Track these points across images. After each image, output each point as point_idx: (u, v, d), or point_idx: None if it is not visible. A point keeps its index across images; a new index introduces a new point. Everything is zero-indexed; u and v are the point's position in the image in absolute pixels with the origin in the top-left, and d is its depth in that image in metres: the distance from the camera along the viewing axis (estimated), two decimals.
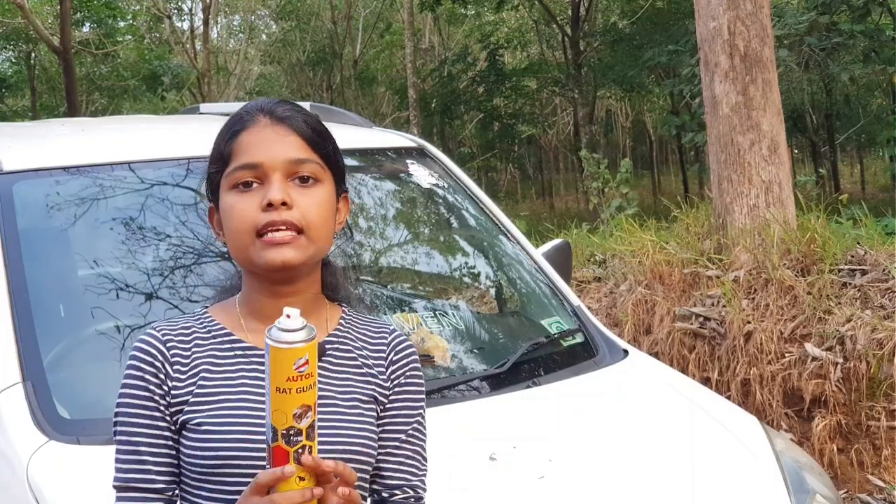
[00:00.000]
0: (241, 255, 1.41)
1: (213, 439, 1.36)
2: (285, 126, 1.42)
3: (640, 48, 18.54)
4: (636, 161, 31.25)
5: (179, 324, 1.46)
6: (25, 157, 2.74)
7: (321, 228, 1.41)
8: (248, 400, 1.39)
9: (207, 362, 1.42)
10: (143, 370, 1.40)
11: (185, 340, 1.43)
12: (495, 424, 2.31)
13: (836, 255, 4.94)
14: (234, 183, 1.40)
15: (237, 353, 1.43)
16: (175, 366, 1.41)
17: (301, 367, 1.22)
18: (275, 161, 1.40)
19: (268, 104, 1.46)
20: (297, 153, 1.41)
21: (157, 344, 1.42)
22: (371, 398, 1.45)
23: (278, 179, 1.39)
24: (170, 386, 1.40)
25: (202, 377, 1.40)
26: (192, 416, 1.38)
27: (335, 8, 27.73)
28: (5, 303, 2.27)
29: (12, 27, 21.29)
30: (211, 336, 1.44)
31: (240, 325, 1.45)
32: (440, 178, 3.26)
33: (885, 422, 4.28)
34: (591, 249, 6.93)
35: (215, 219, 1.47)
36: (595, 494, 2.13)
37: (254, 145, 1.41)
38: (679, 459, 2.33)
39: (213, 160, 1.46)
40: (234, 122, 1.45)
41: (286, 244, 1.37)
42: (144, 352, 1.42)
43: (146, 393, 1.39)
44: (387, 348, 1.50)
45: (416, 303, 2.99)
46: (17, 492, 1.94)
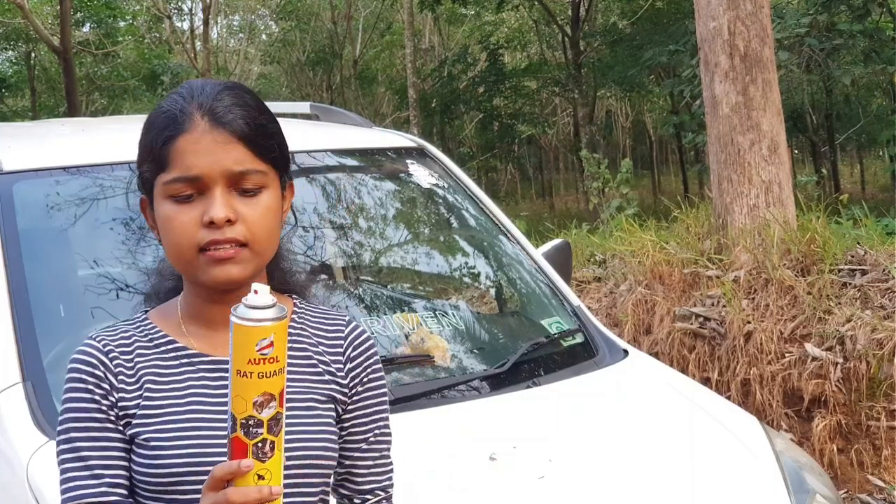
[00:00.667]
0: (182, 268, 1.33)
1: (163, 455, 1.27)
2: (226, 132, 1.29)
3: (640, 48, 18.53)
4: (636, 161, 31.25)
5: (118, 331, 1.37)
6: (25, 157, 2.74)
7: (267, 239, 1.32)
8: (197, 412, 1.30)
9: (151, 372, 1.33)
10: (87, 381, 1.31)
11: (127, 350, 1.35)
12: (495, 424, 2.31)
13: (836, 255, 4.94)
14: (170, 193, 1.30)
15: (182, 361, 1.34)
16: (119, 376, 1.32)
17: (264, 350, 1.13)
18: (215, 174, 1.28)
19: (206, 98, 1.31)
20: (239, 164, 1.29)
21: (97, 354, 1.33)
22: (329, 398, 1.37)
23: (220, 193, 1.28)
24: (116, 398, 1.31)
25: (147, 388, 1.32)
26: (140, 430, 1.30)
27: (335, 8, 27.73)
28: (5, 303, 2.27)
29: (12, 27, 21.29)
30: (153, 344, 1.36)
31: (182, 331, 1.36)
32: (440, 178, 3.26)
33: (885, 422, 4.28)
34: (591, 249, 6.93)
35: (148, 212, 1.37)
36: (595, 494, 2.13)
37: (192, 155, 1.28)
38: (679, 459, 2.33)
39: (144, 158, 1.34)
40: (169, 121, 1.31)
41: (230, 260, 1.28)
42: (85, 363, 1.32)
43: (93, 405, 1.30)
44: (344, 342, 1.41)
45: (416, 303, 2.99)
46: (17, 492, 1.94)
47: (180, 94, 1.33)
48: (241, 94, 1.35)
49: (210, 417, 1.30)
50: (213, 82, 1.35)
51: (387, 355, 2.46)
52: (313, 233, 2.92)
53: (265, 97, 6.49)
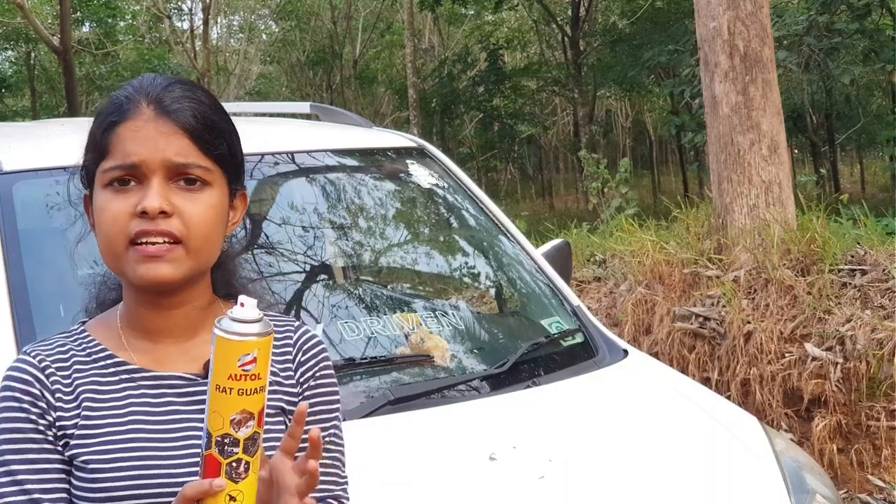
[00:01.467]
0: (112, 263, 1.25)
1: (102, 479, 1.20)
2: (170, 122, 1.23)
3: (639, 48, 18.54)
4: (636, 161, 31.27)
5: (55, 345, 1.29)
6: (25, 157, 2.74)
7: (205, 239, 1.24)
8: (139, 430, 1.23)
9: (90, 389, 1.25)
10: (22, 400, 1.22)
11: (64, 365, 1.27)
12: (495, 424, 2.31)
13: (836, 255, 4.94)
14: (108, 180, 1.24)
15: (122, 376, 1.27)
16: (56, 394, 1.24)
17: (246, 366, 1.08)
18: (154, 163, 1.22)
19: (155, 88, 1.26)
20: (181, 156, 1.23)
21: (32, 371, 1.24)
22: (278, 409, 1.29)
23: (157, 183, 1.22)
24: (54, 417, 1.23)
25: (85, 407, 1.24)
26: (78, 451, 1.22)
27: (335, 8, 27.74)
28: (5, 303, 2.26)
29: (12, 27, 21.30)
30: (91, 359, 1.28)
31: (122, 343, 1.29)
32: (440, 178, 3.26)
33: (885, 422, 4.28)
34: (591, 249, 6.94)
35: (90, 209, 1.31)
36: (595, 494, 2.13)
37: (132, 142, 1.23)
38: (679, 459, 2.33)
39: (88, 148, 1.29)
40: (114, 108, 1.26)
41: (160, 258, 1.21)
42: (19, 380, 1.24)
43: (29, 425, 1.22)
44: (293, 348, 1.34)
45: (416, 303, 2.99)
46: None
47: (131, 84, 1.29)
48: (194, 89, 1.30)
49: (151, 437, 1.24)
50: (167, 76, 1.30)
51: (387, 355, 2.46)
52: (313, 233, 2.92)
53: (265, 97, 6.52)
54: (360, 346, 2.47)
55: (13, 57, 25.99)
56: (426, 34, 29.43)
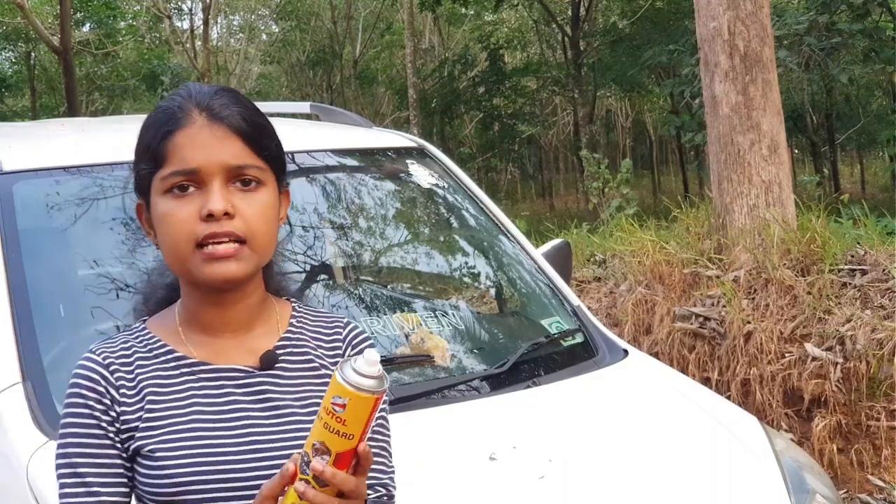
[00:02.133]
0: (179, 266, 1.31)
1: (169, 466, 1.27)
2: (223, 126, 1.29)
3: (639, 48, 18.54)
4: (636, 161, 31.26)
5: (118, 343, 1.36)
6: (25, 157, 2.74)
7: (265, 236, 1.31)
8: (200, 420, 1.30)
9: (153, 383, 1.32)
10: (87, 397, 1.30)
11: (127, 361, 1.34)
12: (495, 424, 2.31)
13: (836, 255, 4.94)
14: (168, 187, 1.29)
15: (183, 370, 1.33)
16: (121, 389, 1.31)
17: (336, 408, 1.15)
18: (213, 167, 1.28)
19: (203, 97, 1.31)
20: (237, 158, 1.29)
21: (98, 368, 1.32)
22: None
23: (218, 186, 1.27)
24: (118, 412, 1.30)
25: (149, 400, 1.31)
26: (144, 442, 1.29)
27: (335, 8, 27.74)
28: (5, 303, 2.27)
29: (12, 27, 21.31)
30: (152, 355, 1.35)
31: (181, 339, 1.35)
32: (440, 178, 3.26)
33: (885, 422, 4.28)
34: (591, 249, 6.94)
35: (144, 216, 1.36)
36: (595, 494, 2.13)
37: (189, 149, 1.28)
38: (679, 459, 2.33)
39: (141, 158, 1.33)
40: (167, 118, 1.31)
41: (229, 258, 1.27)
42: (86, 378, 1.31)
43: (93, 421, 1.30)
44: (342, 344, 1.41)
45: (416, 303, 2.99)
46: (17, 492, 1.94)
47: (178, 94, 1.34)
48: (238, 95, 1.36)
49: (213, 426, 1.30)
50: (210, 85, 1.37)
51: (387, 355, 2.46)
52: (313, 233, 2.92)
53: (265, 97, 6.50)
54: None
55: (13, 57, 25.99)
56: (426, 34, 29.43)
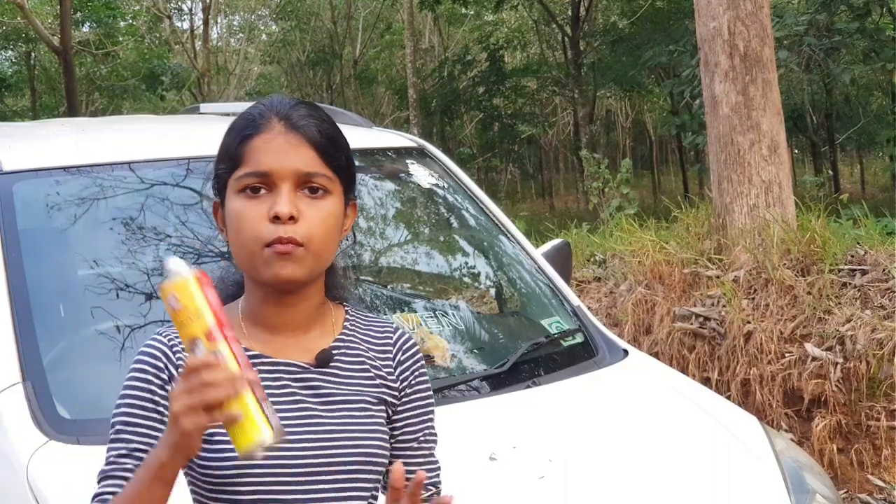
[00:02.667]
0: (246, 262, 1.39)
1: (229, 449, 1.32)
2: (299, 135, 1.38)
3: (639, 48, 18.54)
4: (636, 161, 31.26)
5: None
6: (25, 157, 2.74)
7: (324, 242, 1.39)
8: None
9: None
10: (148, 372, 1.38)
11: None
12: (495, 424, 2.31)
13: (836, 255, 4.94)
14: (241, 187, 1.38)
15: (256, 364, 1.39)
16: (180, 369, 1.36)
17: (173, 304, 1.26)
18: (285, 171, 1.36)
19: (283, 107, 1.41)
20: (308, 166, 1.38)
21: (162, 348, 1.40)
22: (380, 400, 1.46)
23: (287, 190, 1.36)
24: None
25: None
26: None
27: (335, 8, 27.74)
28: (5, 303, 2.27)
29: (12, 27, 21.30)
30: None
31: (243, 333, 1.42)
32: (440, 178, 3.26)
33: (885, 422, 4.28)
34: (591, 249, 6.94)
35: (220, 214, 1.45)
36: (595, 494, 2.13)
37: (265, 153, 1.37)
38: (679, 459, 2.33)
39: (221, 158, 1.43)
40: (248, 123, 1.40)
41: (289, 256, 1.35)
42: (150, 355, 1.39)
43: (149, 395, 1.37)
44: (393, 348, 1.50)
45: (416, 303, 2.99)
46: (17, 492, 1.94)
47: (262, 103, 1.43)
48: (317, 109, 1.45)
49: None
50: (292, 98, 1.46)
51: None
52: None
53: (265, 97, 6.44)
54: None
55: (13, 57, 25.99)
56: (426, 34, 29.43)
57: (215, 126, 3.56)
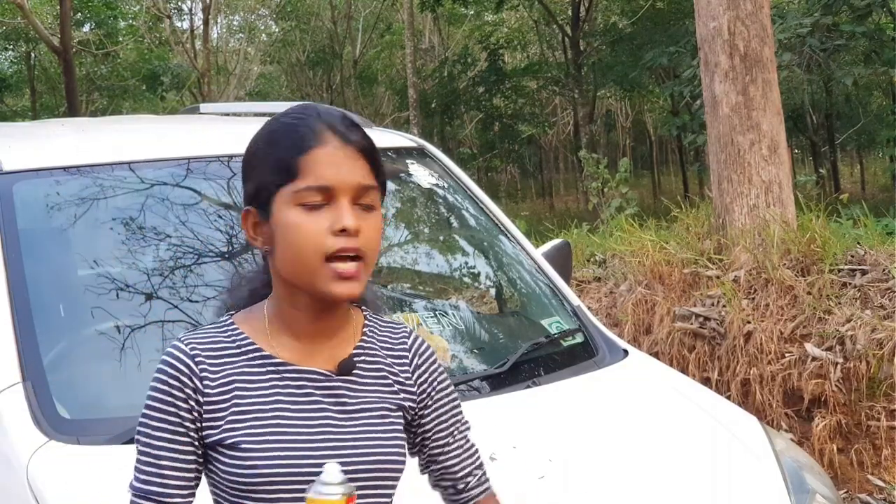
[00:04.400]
0: (302, 276, 1.37)
1: (254, 458, 1.35)
2: (355, 149, 1.39)
3: (640, 48, 18.54)
4: (636, 161, 31.28)
5: (207, 336, 1.43)
6: (25, 157, 2.74)
7: (376, 255, 1.42)
8: (283, 417, 1.38)
9: (240, 379, 1.40)
10: (171, 385, 1.38)
11: (214, 355, 1.41)
12: (495, 424, 2.31)
13: (836, 255, 4.94)
14: (300, 200, 1.36)
15: (269, 368, 1.41)
16: (204, 381, 1.38)
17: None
18: (346, 185, 1.36)
19: (333, 120, 1.41)
20: (366, 179, 1.39)
21: (184, 359, 1.39)
22: (398, 407, 1.47)
23: (348, 204, 1.36)
24: (200, 402, 1.38)
25: (237, 395, 1.39)
26: (229, 434, 1.37)
27: (335, 8, 27.74)
28: (5, 303, 2.26)
29: (12, 27, 21.31)
30: (241, 351, 1.42)
31: (268, 338, 1.42)
32: (440, 178, 3.26)
33: (885, 422, 4.28)
34: (591, 249, 6.93)
35: (251, 222, 1.42)
36: (595, 494, 2.13)
37: (326, 166, 1.36)
38: (679, 459, 2.33)
39: (269, 169, 1.40)
40: (302, 136, 1.39)
41: (353, 278, 1.36)
42: (172, 367, 1.39)
43: (172, 408, 1.38)
44: (409, 353, 1.51)
45: (416, 303, 2.99)
46: (17, 492, 1.94)
47: (306, 113, 1.42)
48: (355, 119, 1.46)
49: (295, 423, 1.38)
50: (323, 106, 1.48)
51: None
52: None
53: (265, 97, 6.50)
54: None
55: (13, 57, 25.99)
56: (426, 34, 29.43)
57: (215, 126, 3.56)
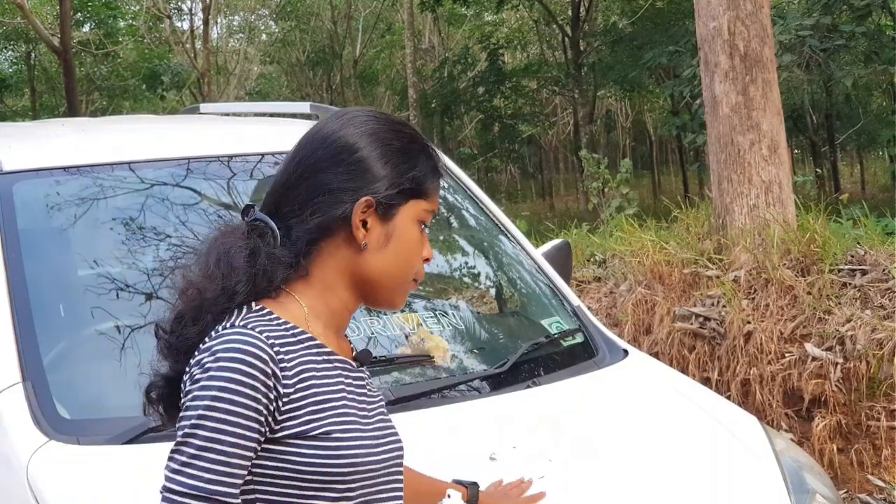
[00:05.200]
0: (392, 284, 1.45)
1: (343, 447, 1.34)
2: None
3: (640, 48, 18.54)
4: (636, 161, 31.27)
5: (265, 324, 1.35)
6: (25, 157, 2.74)
7: None
8: (350, 408, 1.40)
9: (308, 367, 1.36)
10: (251, 373, 1.29)
11: (283, 342, 1.35)
12: (495, 424, 2.31)
13: (836, 255, 4.94)
14: (421, 219, 1.46)
15: (325, 359, 1.40)
16: (283, 371, 1.33)
17: None
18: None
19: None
20: None
21: (263, 346, 1.31)
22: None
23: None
24: (280, 392, 1.32)
25: (312, 384, 1.36)
26: (314, 425, 1.33)
27: (335, 8, 27.75)
28: (5, 303, 2.26)
29: (12, 27, 21.31)
30: (297, 340, 1.37)
31: (310, 329, 1.40)
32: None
33: (885, 422, 4.28)
34: (591, 249, 6.94)
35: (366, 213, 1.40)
36: (595, 494, 2.13)
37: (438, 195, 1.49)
38: (679, 459, 2.33)
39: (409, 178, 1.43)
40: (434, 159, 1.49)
41: None
42: (251, 353, 1.30)
43: (251, 399, 1.29)
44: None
45: (416, 303, 2.99)
46: (17, 492, 1.94)
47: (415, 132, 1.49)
48: None
49: (359, 411, 1.41)
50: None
51: (387, 355, 2.47)
52: None
53: (265, 97, 6.52)
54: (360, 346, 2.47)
55: (13, 57, 26.00)
56: (426, 34, 29.43)
57: (215, 126, 3.56)
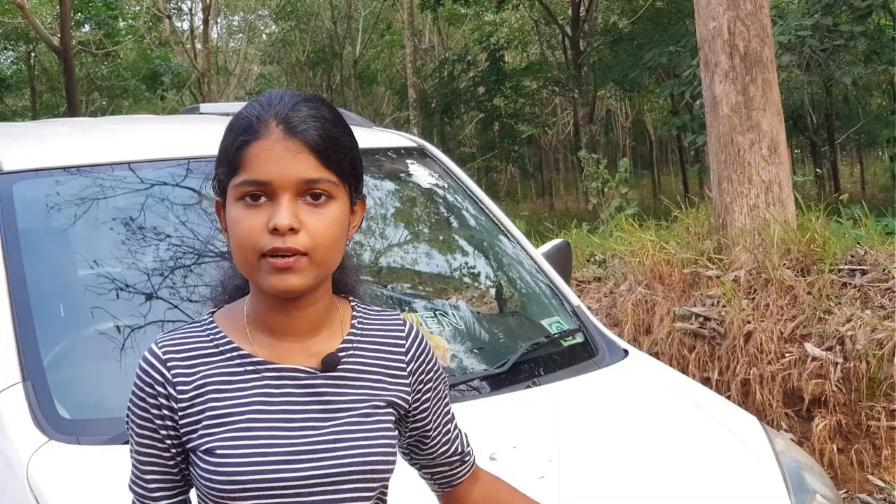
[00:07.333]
0: (245, 271, 1.35)
1: (227, 464, 1.31)
2: (298, 141, 1.31)
3: (640, 48, 18.54)
4: (636, 161, 31.27)
5: (185, 337, 1.39)
6: (25, 157, 2.74)
7: (329, 251, 1.33)
8: (260, 420, 1.34)
9: (217, 381, 1.36)
10: (145, 392, 1.36)
11: (190, 357, 1.37)
12: (495, 424, 2.31)
13: (836, 255, 4.94)
14: (240, 195, 1.32)
15: (247, 368, 1.37)
16: (178, 386, 1.35)
17: None
18: (285, 181, 1.30)
19: (283, 108, 1.33)
20: (310, 172, 1.31)
21: (157, 365, 1.36)
22: (388, 403, 1.42)
23: (287, 200, 1.30)
24: (174, 409, 1.35)
25: (212, 398, 1.35)
26: (206, 440, 1.33)
27: (335, 8, 27.74)
28: (5, 303, 2.26)
29: (12, 27, 21.31)
30: (219, 350, 1.38)
31: (247, 337, 1.39)
32: (440, 178, 3.26)
33: (885, 422, 4.28)
34: (591, 249, 6.94)
35: (223, 215, 1.39)
36: (595, 494, 2.13)
37: (264, 161, 1.30)
38: (679, 459, 2.33)
39: (220, 162, 1.37)
40: (245, 127, 1.33)
41: (289, 269, 1.30)
42: (146, 373, 1.37)
43: (147, 417, 1.37)
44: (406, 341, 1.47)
45: (416, 303, 2.99)
46: (17, 492, 1.94)
47: (259, 102, 1.36)
48: (319, 106, 1.37)
49: (272, 426, 1.34)
50: (292, 93, 1.38)
51: None
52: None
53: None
54: None
55: (13, 57, 25.99)
56: (426, 34, 29.43)
57: (215, 126, 3.56)
